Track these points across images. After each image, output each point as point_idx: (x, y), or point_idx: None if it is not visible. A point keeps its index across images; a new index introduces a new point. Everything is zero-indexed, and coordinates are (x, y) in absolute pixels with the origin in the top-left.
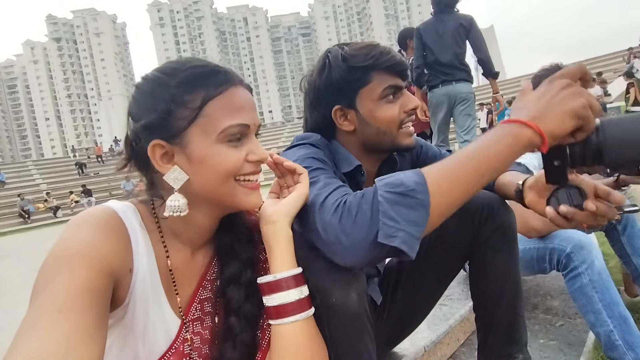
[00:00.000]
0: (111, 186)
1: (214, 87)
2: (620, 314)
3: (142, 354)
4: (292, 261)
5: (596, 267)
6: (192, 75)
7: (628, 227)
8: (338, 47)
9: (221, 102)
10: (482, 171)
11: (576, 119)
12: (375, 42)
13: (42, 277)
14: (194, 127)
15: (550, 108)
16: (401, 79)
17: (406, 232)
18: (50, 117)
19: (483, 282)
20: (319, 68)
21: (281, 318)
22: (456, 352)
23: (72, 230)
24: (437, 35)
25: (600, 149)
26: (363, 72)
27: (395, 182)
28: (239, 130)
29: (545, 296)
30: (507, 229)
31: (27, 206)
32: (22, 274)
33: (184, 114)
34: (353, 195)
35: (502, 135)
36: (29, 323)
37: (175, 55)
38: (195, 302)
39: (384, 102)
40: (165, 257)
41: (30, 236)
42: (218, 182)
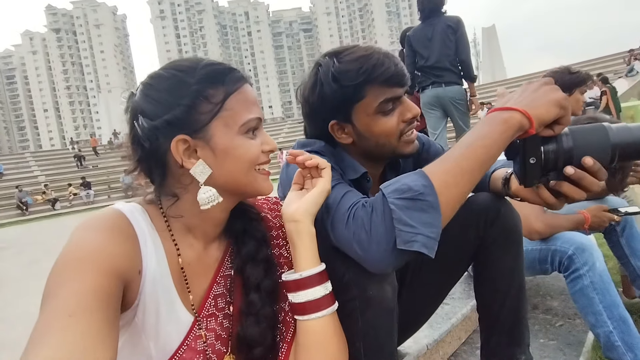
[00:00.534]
0: (110, 179)
1: (233, 83)
2: (620, 316)
3: (154, 352)
4: (315, 259)
5: (597, 269)
6: (213, 71)
7: (627, 229)
8: (329, 58)
9: (239, 97)
10: (480, 160)
11: (558, 108)
12: (370, 50)
13: (52, 282)
14: (217, 121)
15: (534, 98)
16: (400, 88)
17: (423, 235)
18: (49, 108)
19: (488, 284)
20: (311, 85)
21: (308, 314)
22: (457, 350)
23: (81, 234)
24: (426, 40)
25: (571, 152)
26: (355, 88)
27: (402, 187)
28: (255, 123)
29: (545, 296)
30: (512, 231)
31: (25, 198)
32: (20, 266)
33: (207, 108)
34: (361, 207)
35: (494, 123)
36: (40, 329)
37: (176, 48)
38: (210, 298)
39: (381, 116)
40: (177, 255)
41: (28, 228)
42: (243, 172)
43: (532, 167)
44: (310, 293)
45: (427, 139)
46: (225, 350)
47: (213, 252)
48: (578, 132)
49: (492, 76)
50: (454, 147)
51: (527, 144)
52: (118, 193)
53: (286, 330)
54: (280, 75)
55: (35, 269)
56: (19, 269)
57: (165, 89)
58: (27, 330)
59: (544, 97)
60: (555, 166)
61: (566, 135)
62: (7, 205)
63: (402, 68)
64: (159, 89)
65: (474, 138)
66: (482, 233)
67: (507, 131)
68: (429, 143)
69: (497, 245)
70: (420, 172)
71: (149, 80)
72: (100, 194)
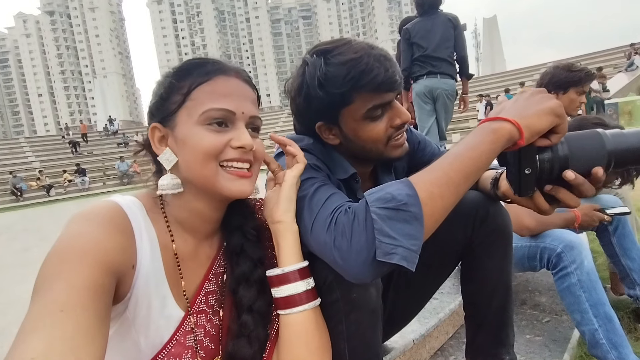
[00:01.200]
0: (105, 166)
1: (202, 74)
2: (605, 314)
3: (143, 345)
4: (297, 255)
5: (585, 268)
6: (186, 65)
7: (619, 228)
8: (317, 57)
9: (208, 87)
10: (468, 171)
11: (553, 116)
12: (360, 52)
13: (44, 274)
14: (182, 110)
15: (526, 107)
16: (390, 93)
17: (404, 248)
18: (43, 93)
19: (475, 283)
20: (297, 86)
21: (290, 308)
22: (444, 345)
23: (76, 226)
24: (425, 31)
25: (567, 160)
26: (342, 95)
27: (385, 196)
28: (221, 114)
29: (534, 292)
30: (501, 232)
31: (20, 184)
32: (14, 253)
33: (176, 98)
34: (344, 213)
35: (483, 134)
36: (31, 322)
37: (173, 34)
38: (201, 294)
39: (369, 122)
40: (172, 244)
41: (22, 214)
42: (198, 163)
43: (527, 177)
44: (292, 288)
45: (424, 138)
46: (213, 347)
47: (206, 250)
48: (573, 139)
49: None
50: (442, 157)
51: (522, 154)
52: (113, 180)
53: (270, 328)
54: (279, 63)
55: (29, 256)
56: (12, 256)
57: (157, 83)
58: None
59: (536, 106)
60: (550, 174)
61: (561, 143)
62: (1, 191)
63: (393, 73)
64: (157, 83)
65: (462, 148)
66: (471, 233)
67: (496, 142)
68: (425, 142)
69: (485, 245)
70: (405, 181)
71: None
72: (95, 181)
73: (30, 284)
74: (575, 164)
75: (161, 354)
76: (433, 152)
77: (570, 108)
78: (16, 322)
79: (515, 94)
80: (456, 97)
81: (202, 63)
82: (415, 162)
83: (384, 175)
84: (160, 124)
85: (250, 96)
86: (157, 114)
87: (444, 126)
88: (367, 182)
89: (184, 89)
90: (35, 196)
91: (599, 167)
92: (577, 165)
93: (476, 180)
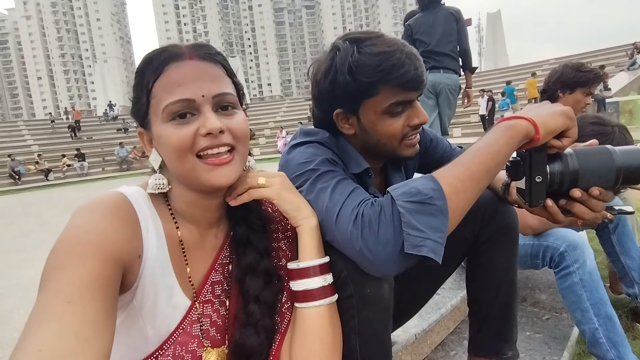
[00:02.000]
0: (104, 151)
1: (154, 69)
2: (606, 314)
3: (150, 334)
4: (318, 251)
5: (587, 267)
6: (144, 61)
7: (619, 227)
8: (349, 44)
9: (162, 81)
10: (488, 166)
11: (565, 118)
12: (393, 46)
13: (50, 265)
14: (150, 110)
15: (541, 109)
16: (414, 92)
17: (432, 240)
18: (43, 76)
19: (480, 280)
20: (325, 69)
21: (306, 302)
22: (445, 340)
23: (81, 217)
24: (427, 26)
25: (576, 174)
26: (369, 85)
27: (411, 191)
28: (180, 107)
29: (534, 289)
30: (509, 230)
31: (18, 167)
32: (12, 237)
33: (143, 99)
34: (370, 206)
35: (501, 130)
36: (38, 314)
37: (175, 20)
38: (207, 284)
39: (388, 116)
40: (177, 234)
41: (20, 198)
42: (174, 161)
43: (538, 186)
44: (309, 282)
45: (436, 135)
46: (219, 337)
47: (211, 239)
48: (583, 154)
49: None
50: (462, 154)
51: (533, 160)
52: (112, 166)
53: (281, 321)
54: (281, 52)
55: (28, 241)
56: (10, 240)
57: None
58: (17, 301)
59: (550, 109)
60: (560, 187)
61: (571, 156)
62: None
63: (421, 72)
64: None
65: (481, 145)
66: (479, 230)
67: (514, 137)
68: (436, 140)
69: (492, 243)
70: (429, 176)
71: None
72: (94, 166)
73: (30, 268)
74: (584, 179)
75: (167, 342)
76: (444, 149)
77: (575, 108)
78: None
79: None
80: (459, 92)
81: (152, 57)
82: (426, 160)
83: (394, 172)
84: (142, 127)
85: (210, 73)
86: (137, 118)
87: (447, 121)
88: (377, 177)
89: (145, 89)
90: (34, 180)
91: (595, 187)
92: (586, 180)
93: (496, 175)
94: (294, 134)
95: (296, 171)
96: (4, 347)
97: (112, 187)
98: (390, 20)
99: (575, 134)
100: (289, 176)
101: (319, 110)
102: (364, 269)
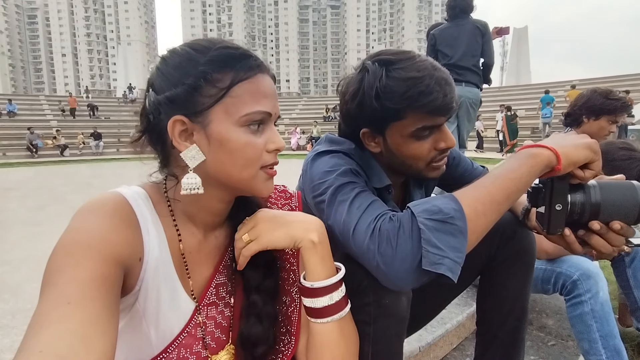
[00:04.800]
0: (120, 133)
1: (244, 70)
2: (615, 347)
3: (154, 338)
4: (323, 269)
5: (600, 298)
6: (223, 55)
7: (636, 261)
8: (378, 66)
9: (249, 86)
10: (509, 192)
11: (589, 151)
12: (423, 71)
13: (51, 268)
14: (218, 107)
15: (565, 140)
16: (442, 117)
17: (450, 259)
18: (67, 53)
19: (491, 301)
20: (353, 91)
21: (313, 318)
22: (447, 355)
23: (81, 220)
24: (452, 38)
25: (598, 207)
26: (397, 110)
27: (432, 209)
28: (261, 117)
29: (541, 314)
30: (525, 254)
31: (36, 140)
32: (26, 210)
33: (211, 92)
34: (388, 221)
35: (523, 157)
36: (39, 317)
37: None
38: (212, 287)
39: (414, 140)
40: (179, 242)
41: (36, 172)
42: (238, 166)
43: (558, 214)
44: (315, 301)
45: (459, 153)
46: (224, 338)
47: (214, 241)
48: (607, 187)
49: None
50: (484, 177)
51: (554, 188)
52: (127, 147)
53: (291, 303)
54: (302, 50)
55: (42, 215)
56: (25, 213)
57: (174, 66)
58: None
59: (574, 140)
60: (580, 218)
61: (594, 188)
62: (18, 146)
63: (450, 99)
64: (169, 64)
65: (503, 170)
66: (495, 251)
67: (535, 165)
68: (459, 158)
69: (507, 265)
70: (451, 196)
71: (166, 54)
72: (109, 147)
73: (44, 241)
74: (606, 212)
75: (172, 346)
76: (466, 168)
77: (599, 135)
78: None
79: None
80: (479, 105)
81: (242, 56)
82: (447, 177)
83: (415, 188)
84: (186, 117)
85: (276, 94)
86: (182, 105)
87: (465, 134)
88: (397, 191)
89: (222, 83)
90: (50, 154)
91: (617, 222)
92: (608, 213)
93: (516, 200)
94: (319, 139)
95: (319, 179)
96: (16, 317)
97: (126, 167)
98: (414, 27)
99: (599, 167)
100: (312, 183)
101: (346, 127)
102: (380, 281)
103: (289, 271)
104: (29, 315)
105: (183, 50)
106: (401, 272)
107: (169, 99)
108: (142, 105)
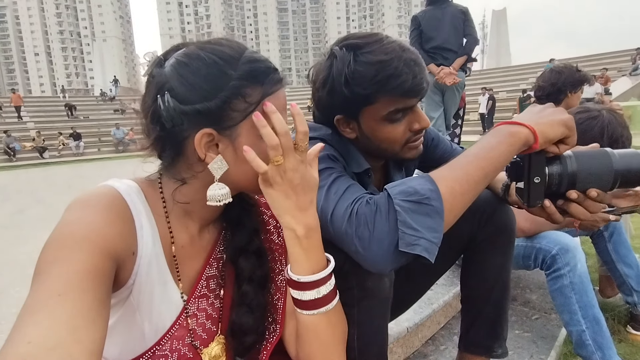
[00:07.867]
0: (100, 132)
1: (271, 85)
2: (594, 316)
3: (147, 330)
4: (308, 263)
5: (578, 271)
6: (255, 70)
7: (615, 235)
8: (346, 52)
9: (275, 102)
10: (487, 171)
11: (564, 127)
12: (391, 53)
13: (43, 260)
14: (247, 121)
15: (542, 117)
16: (414, 98)
17: (426, 240)
18: (40, 52)
19: (474, 279)
20: (323, 78)
21: (299, 309)
22: (435, 334)
23: (74, 213)
24: (436, 20)
25: (574, 176)
26: (366, 95)
27: (408, 190)
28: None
29: (525, 289)
30: (505, 231)
31: (13, 143)
32: (7, 215)
33: (242, 106)
34: (365, 204)
35: (501, 135)
36: (29, 308)
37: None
38: (202, 279)
39: (388, 123)
40: (170, 239)
41: (15, 175)
42: (257, 177)
43: (536, 187)
44: (301, 294)
45: (437, 134)
46: (215, 329)
47: (206, 235)
48: (582, 156)
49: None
50: (461, 156)
51: (532, 161)
52: (108, 147)
53: (275, 292)
54: (282, 40)
55: (23, 218)
56: (6, 217)
57: (204, 76)
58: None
59: (550, 117)
60: (558, 188)
61: (570, 158)
62: None
63: (420, 80)
64: (196, 74)
65: (481, 149)
66: (476, 229)
67: (513, 144)
68: (438, 139)
69: (488, 243)
70: (427, 176)
71: (186, 59)
72: (90, 146)
73: (26, 245)
74: (582, 181)
75: (164, 338)
76: (445, 149)
77: (575, 105)
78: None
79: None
80: (464, 89)
81: (269, 70)
82: (426, 158)
83: (395, 170)
84: (215, 130)
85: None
86: (213, 119)
87: (450, 117)
88: (377, 174)
89: (253, 98)
90: (29, 157)
91: (593, 189)
92: (584, 182)
93: (493, 178)
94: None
95: None
96: (1, 322)
97: (108, 167)
98: (394, 13)
99: (574, 142)
100: None
101: (320, 114)
102: (361, 265)
103: (276, 261)
104: (13, 320)
105: (210, 60)
106: (379, 255)
107: (199, 111)
108: (150, 108)
